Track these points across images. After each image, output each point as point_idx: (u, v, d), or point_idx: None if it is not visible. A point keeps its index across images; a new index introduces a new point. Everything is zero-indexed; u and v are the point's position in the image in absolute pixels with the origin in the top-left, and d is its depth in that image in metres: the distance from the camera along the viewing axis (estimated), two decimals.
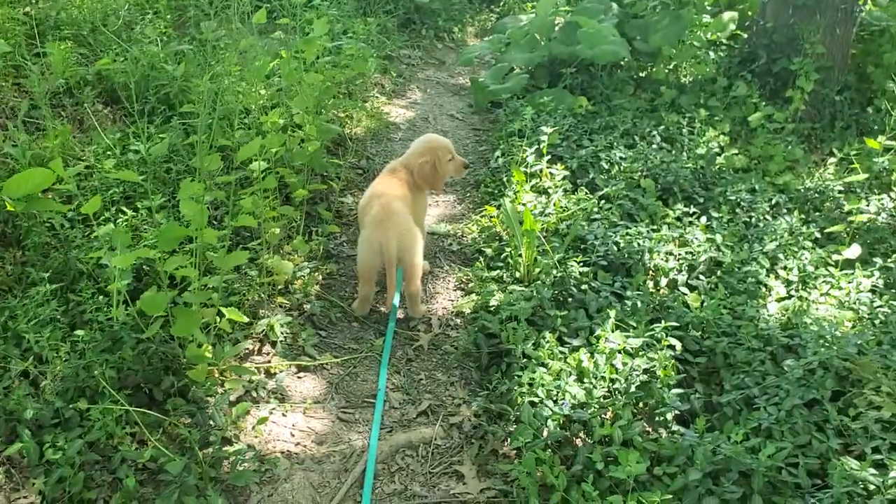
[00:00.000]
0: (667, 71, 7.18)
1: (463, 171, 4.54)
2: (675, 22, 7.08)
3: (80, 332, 3.21)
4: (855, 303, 4.27)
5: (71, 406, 3.00)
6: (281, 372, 3.61)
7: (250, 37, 5.39)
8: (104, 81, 5.18)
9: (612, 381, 3.48)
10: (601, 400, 3.39)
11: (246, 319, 3.47)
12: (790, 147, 6.26)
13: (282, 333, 3.75)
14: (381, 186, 4.16)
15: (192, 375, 3.26)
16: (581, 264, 4.22)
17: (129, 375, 3.22)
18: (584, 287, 4.11)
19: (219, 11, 6.21)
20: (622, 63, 7.07)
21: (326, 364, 3.74)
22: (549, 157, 5.20)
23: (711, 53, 7.37)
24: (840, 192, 5.68)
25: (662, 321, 3.79)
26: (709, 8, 7.84)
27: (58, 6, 5.82)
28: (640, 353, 3.64)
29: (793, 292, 4.48)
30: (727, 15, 7.84)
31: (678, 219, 4.95)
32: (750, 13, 7.96)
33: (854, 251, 4.67)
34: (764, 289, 4.45)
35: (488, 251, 4.61)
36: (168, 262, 3.17)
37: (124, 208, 3.95)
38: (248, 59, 5.31)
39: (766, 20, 7.15)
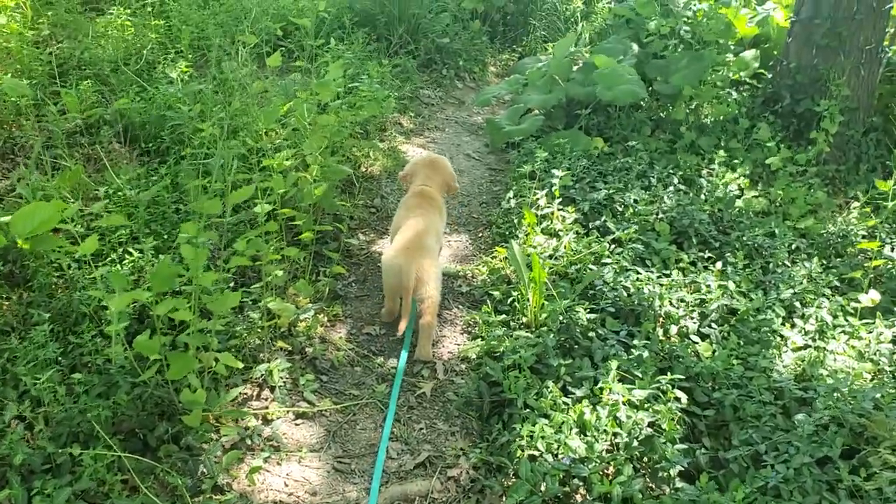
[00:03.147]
0: (687, 111, 7.10)
1: None
2: (696, 62, 7.02)
3: (77, 376, 3.21)
4: (875, 354, 4.14)
5: (62, 451, 2.98)
6: (278, 419, 3.57)
7: (266, 78, 5.45)
8: (122, 120, 5.24)
9: (615, 434, 3.39)
10: (602, 454, 3.30)
11: (241, 365, 3.45)
12: (812, 190, 6.14)
13: (281, 378, 3.71)
14: (419, 213, 4.43)
15: (187, 421, 3.23)
16: (589, 311, 4.14)
17: (123, 420, 3.21)
18: (590, 334, 4.04)
19: (238, 51, 6.29)
20: (641, 104, 7.01)
21: (325, 411, 3.70)
22: (562, 199, 5.14)
23: (733, 93, 7.28)
24: (863, 237, 5.56)
25: (669, 373, 3.71)
26: (732, 46, 7.76)
27: (81, 46, 5.93)
28: (646, 406, 3.55)
29: (809, 342, 4.36)
30: (749, 53, 7.76)
31: (692, 263, 4.86)
32: (774, 52, 7.87)
33: (872, 296, 4.56)
34: (779, 338, 4.33)
35: (496, 294, 4.55)
36: (161, 304, 3.16)
37: (131, 249, 3.96)
38: (264, 99, 5.36)
39: (788, 60, 7.07)
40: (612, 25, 8.32)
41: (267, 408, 3.61)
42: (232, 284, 4.09)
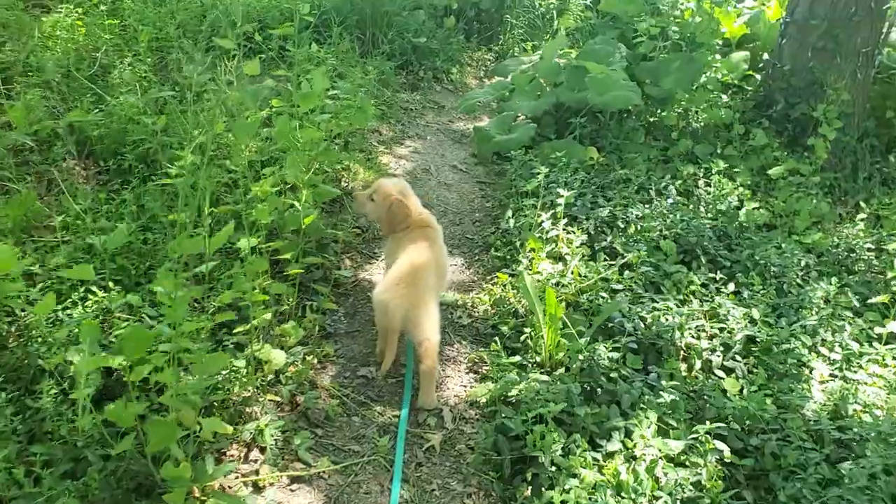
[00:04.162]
0: (676, 114, 6.75)
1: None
2: (688, 64, 6.70)
3: (37, 448, 2.73)
4: None
5: None
6: (271, 485, 3.12)
7: (240, 87, 4.94)
8: (77, 134, 4.70)
9: (655, 497, 3.03)
10: None
11: (231, 430, 2.99)
12: (815, 201, 5.85)
13: (272, 437, 3.26)
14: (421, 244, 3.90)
15: (169, 500, 2.77)
16: (610, 349, 3.75)
17: (94, 502, 2.73)
18: (613, 376, 3.66)
19: (203, 55, 5.76)
20: (631, 108, 6.64)
21: (324, 472, 3.25)
22: (565, 219, 4.74)
23: (724, 97, 6.97)
24: (870, 249, 5.31)
25: (701, 415, 3.37)
26: (718, 47, 7.45)
27: (26, 49, 5.34)
28: (683, 458, 3.21)
29: (836, 372, 4.08)
30: (738, 55, 7.48)
31: (703, 285, 4.53)
32: (762, 53, 7.59)
33: None
34: (807, 371, 4.03)
35: (504, 328, 4.14)
36: (136, 371, 2.70)
37: (93, 288, 3.46)
38: (237, 111, 4.85)
39: (782, 62, 6.78)
40: (597, 24, 7.94)
41: (257, 472, 3.16)
42: (209, 335, 3.60)
